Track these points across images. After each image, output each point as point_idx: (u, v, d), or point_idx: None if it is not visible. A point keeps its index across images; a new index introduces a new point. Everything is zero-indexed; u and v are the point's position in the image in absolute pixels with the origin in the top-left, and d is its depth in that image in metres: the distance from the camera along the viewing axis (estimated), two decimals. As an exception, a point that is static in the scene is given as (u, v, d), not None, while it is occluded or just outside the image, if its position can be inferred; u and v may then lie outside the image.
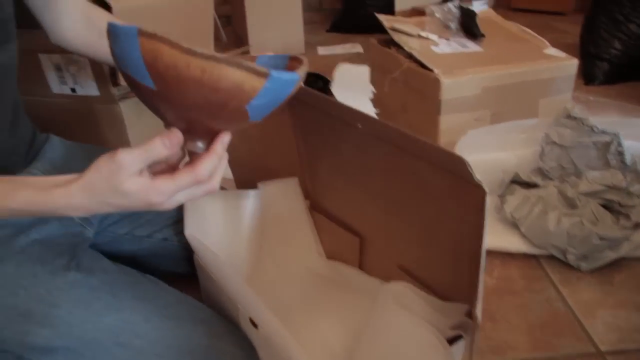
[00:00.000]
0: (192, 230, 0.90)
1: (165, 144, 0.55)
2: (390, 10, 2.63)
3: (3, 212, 0.60)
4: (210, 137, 0.58)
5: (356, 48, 2.88)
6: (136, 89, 0.55)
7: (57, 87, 1.47)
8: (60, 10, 0.89)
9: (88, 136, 1.49)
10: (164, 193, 0.56)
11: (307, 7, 3.02)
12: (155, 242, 1.00)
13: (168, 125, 0.57)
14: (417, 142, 0.61)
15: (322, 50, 2.86)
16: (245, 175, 1.08)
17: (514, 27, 1.83)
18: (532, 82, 1.53)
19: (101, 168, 0.55)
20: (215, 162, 0.58)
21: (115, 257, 0.87)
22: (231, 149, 1.05)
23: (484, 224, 0.60)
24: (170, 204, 0.58)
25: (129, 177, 0.54)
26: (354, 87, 0.76)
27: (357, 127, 0.71)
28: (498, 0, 3.87)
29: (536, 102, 1.58)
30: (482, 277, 0.60)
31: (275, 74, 0.51)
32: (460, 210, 0.65)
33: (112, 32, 0.52)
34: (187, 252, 0.94)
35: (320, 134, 0.85)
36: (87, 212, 0.58)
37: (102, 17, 0.92)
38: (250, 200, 0.98)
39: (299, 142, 0.92)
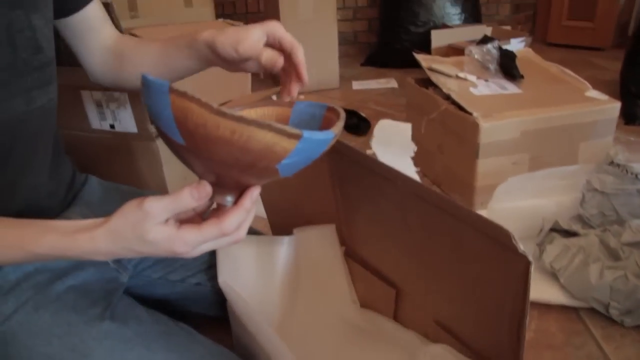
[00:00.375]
0: (225, 278, 0.90)
1: (194, 195, 0.55)
2: (426, 44, 2.64)
3: (29, 257, 0.60)
4: (239, 191, 0.57)
5: (391, 83, 2.88)
6: (166, 140, 0.55)
7: (96, 122, 1.50)
8: (89, 46, 0.91)
9: (125, 171, 1.51)
10: (188, 243, 0.55)
11: (342, 41, 3.06)
12: (188, 286, 0.99)
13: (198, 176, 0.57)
14: (459, 207, 0.60)
15: (356, 85, 2.87)
16: (281, 220, 1.07)
17: (553, 67, 1.81)
18: (572, 126, 1.50)
19: (127, 215, 0.55)
20: (242, 217, 0.57)
21: (148, 300, 0.87)
22: (267, 194, 1.06)
23: (527, 292, 0.58)
24: (195, 253, 0.58)
25: (154, 225, 0.54)
26: (395, 144, 0.75)
27: (396, 184, 0.70)
28: (534, 35, 3.85)
29: (576, 145, 1.55)
30: (524, 343, 0.58)
31: (307, 134, 0.50)
32: (503, 276, 0.63)
33: (145, 84, 0.52)
34: (219, 297, 0.94)
35: (359, 185, 0.84)
36: (111, 256, 0.58)
37: (129, 44, 0.93)
38: (284, 246, 0.98)
39: (337, 190, 0.92)
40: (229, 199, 0.58)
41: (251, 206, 0.58)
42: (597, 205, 1.33)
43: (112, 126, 1.47)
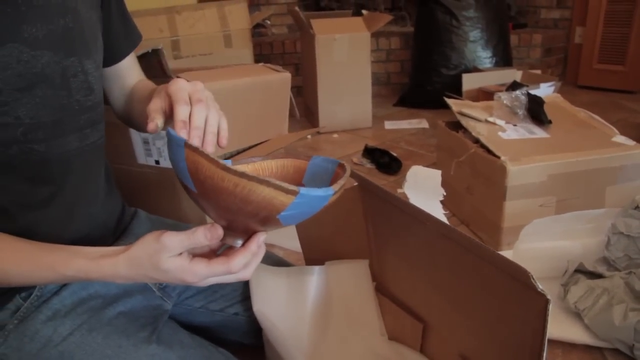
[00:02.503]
0: (260, 306, 0.96)
1: (207, 236, 0.62)
2: (457, 87, 2.70)
3: (58, 278, 0.69)
4: (247, 236, 0.65)
5: (422, 124, 2.95)
6: (184, 187, 0.63)
7: (142, 158, 1.59)
8: (114, 90, 1.01)
9: (168, 205, 1.59)
10: (197, 275, 0.63)
11: (375, 81, 3.14)
12: (226, 315, 1.06)
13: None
14: (483, 248, 0.65)
15: (388, 125, 2.94)
16: (316, 255, 1.13)
17: (581, 113, 1.86)
18: (599, 170, 1.54)
19: (146, 245, 0.64)
20: (248, 258, 0.65)
21: (189, 328, 0.93)
22: (303, 230, 1.12)
23: (546, 328, 0.63)
24: (203, 284, 0.66)
25: (169, 257, 0.62)
26: (426, 189, 0.82)
27: (425, 224, 0.76)
28: (565, 78, 3.89)
29: (603, 189, 1.58)
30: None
31: (304, 191, 0.57)
32: (523, 313, 0.68)
33: (167, 137, 0.61)
34: (254, 326, 1.00)
35: (390, 224, 0.90)
36: (129, 280, 0.67)
37: (137, 89, 1.01)
38: (314, 276, 1.03)
39: (369, 228, 0.98)
40: (239, 241, 0.65)
41: (257, 249, 0.66)
42: (622, 248, 1.36)
43: (157, 162, 1.57)
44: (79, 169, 0.83)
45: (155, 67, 1.45)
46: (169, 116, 0.71)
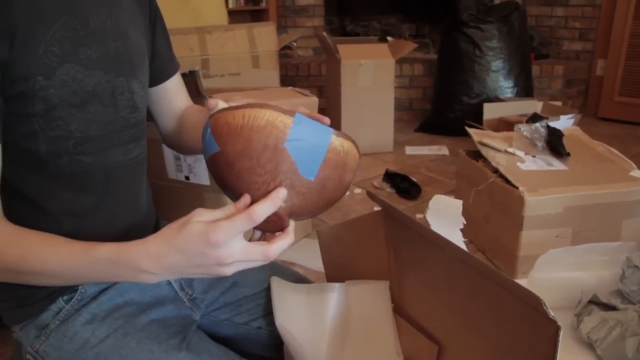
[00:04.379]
0: (282, 320, 1.01)
1: (236, 205, 0.66)
2: (478, 115, 2.75)
3: (90, 261, 0.71)
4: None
5: (442, 150, 2.99)
6: (212, 166, 0.69)
7: (173, 173, 1.66)
8: (163, 113, 1.07)
9: (194, 219, 1.66)
10: (221, 231, 0.63)
11: (397, 106, 3.20)
12: (250, 329, 1.10)
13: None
14: (499, 275, 0.70)
15: (409, 150, 2.99)
16: (337, 274, 1.18)
17: (600, 146, 1.89)
18: (615, 204, 1.58)
19: (180, 219, 0.67)
20: (269, 208, 0.66)
21: (214, 338, 0.98)
22: (326, 251, 1.17)
23: (556, 355, 0.67)
24: (228, 252, 0.65)
25: (197, 221, 0.64)
26: (447, 217, 0.87)
27: (445, 250, 0.81)
28: (586, 109, 3.92)
29: (619, 222, 1.61)
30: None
31: (300, 114, 0.65)
32: (535, 338, 0.72)
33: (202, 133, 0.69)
34: (275, 340, 1.05)
35: (410, 248, 0.95)
36: (157, 259, 0.67)
37: (189, 114, 1.07)
38: (335, 293, 1.07)
39: (390, 251, 1.03)
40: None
41: (277, 201, 0.66)
42: (637, 281, 1.38)
43: (187, 177, 1.64)
44: (121, 181, 0.90)
45: (190, 87, 1.52)
46: None
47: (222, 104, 0.76)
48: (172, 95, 1.07)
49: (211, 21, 3.00)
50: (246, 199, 0.67)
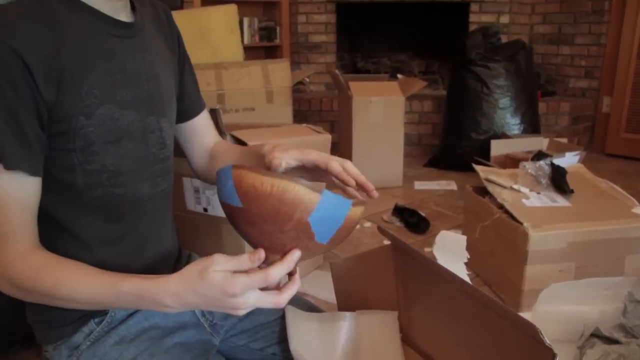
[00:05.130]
0: (296, 346, 1.06)
1: (251, 258, 0.72)
2: (486, 151, 2.81)
3: (117, 294, 0.77)
4: (284, 255, 0.75)
5: (451, 185, 3.06)
6: (230, 214, 0.75)
7: (192, 205, 1.74)
8: (194, 148, 1.15)
9: (210, 248, 1.72)
10: (238, 284, 0.70)
11: (407, 142, 3.27)
12: (265, 355, 1.16)
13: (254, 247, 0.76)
14: (500, 306, 0.76)
15: (418, 185, 3.06)
16: (348, 304, 1.24)
17: (603, 183, 1.95)
18: (617, 240, 1.63)
19: (199, 262, 0.74)
20: (284, 270, 0.73)
21: (232, 364, 1.05)
22: (339, 283, 1.23)
23: (552, 380, 0.72)
24: (242, 302, 0.72)
25: (215, 270, 0.71)
26: (452, 252, 0.93)
27: (450, 283, 0.87)
28: (592, 145, 3.98)
29: (622, 258, 1.67)
30: None
31: (328, 192, 0.69)
32: (533, 365, 0.78)
33: (217, 174, 0.74)
34: (289, 366, 1.10)
35: (418, 280, 1.02)
36: (178, 299, 0.74)
37: (221, 149, 1.16)
38: (346, 322, 1.13)
39: (399, 283, 1.09)
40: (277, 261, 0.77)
41: (292, 264, 0.74)
42: (639, 316, 1.42)
43: (205, 209, 1.71)
44: (149, 212, 0.97)
45: (210, 125, 1.61)
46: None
47: (284, 165, 0.85)
48: (202, 131, 1.15)
49: (228, 58, 3.09)
50: (261, 254, 0.73)
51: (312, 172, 0.94)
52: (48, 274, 0.80)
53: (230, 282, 0.70)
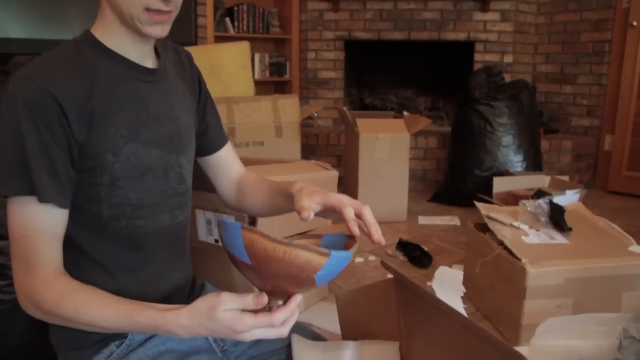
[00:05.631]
0: (302, 374, 1.12)
1: (255, 301, 0.79)
2: (489, 187, 2.88)
3: (133, 324, 0.84)
4: (286, 297, 0.82)
5: (454, 221, 3.11)
6: (236, 263, 0.81)
7: (203, 236, 1.81)
8: (221, 180, 1.23)
9: (219, 277, 1.79)
10: (245, 324, 0.78)
11: (412, 177, 3.35)
12: (272, 382, 1.22)
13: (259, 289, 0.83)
14: (493, 338, 0.83)
15: (422, 220, 3.12)
16: (352, 334, 1.30)
17: (601, 222, 2.01)
18: (614, 277, 1.68)
19: (208, 299, 0.80)
20: (287, 314, 0.80)
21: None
22: (344, 314, 1.29)
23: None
24: (248, 336, 0.79)
25: (223, 310, 0.78)
26: (449, 286, 1.00)
27: (447, 315, 0.94)
28: (595, 183, 4.04)
29: (619, 295, 1.71)
30: None
31: (334, 253, 0.75)
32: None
33: (223, 226, 0.79)
34: (295, 395, 1.16)
35: (418, 313, 1.08)
36: (188, 331, 0.81)
37: (249, 182, 1.23)
38: (349, 351, 1.19)
39: (400, 315, 1.15)
40: (279, 302, 0.82)
41: (294, 308, 0.82)
42: (635, 352, 1.47)
43: (216, 240, 1.78)
44: (167, 243, 1.05)
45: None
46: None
47: (312, 216, 0.92)
48: (228, 163, 1.22)
49: (239, 92, 3.18)
50: (264, 300, 0.80)
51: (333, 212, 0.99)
52: (70, 300, 0.87)
53: (238, 322, 0.77)
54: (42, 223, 0.87)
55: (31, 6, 3.11)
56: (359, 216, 0.93)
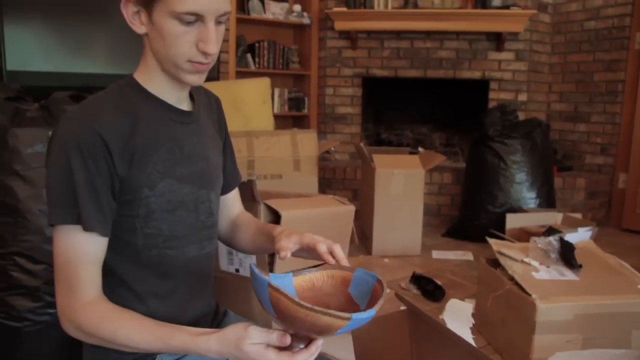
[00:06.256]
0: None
1: (279, 339, 0.86)
2: (502, 223, 2.92)
3: (166, 346, 0.92)
4: (308, 341, 0.88)
5: (467, 256, 3.16)
6: (261, 304, 0.86)
7: (225, 265, 1.89)
8: (220, 215, 1.27)
9: (240, 306, 1.86)
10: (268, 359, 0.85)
11: (426, 212, 3.40)
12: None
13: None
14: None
15: (436, 254, 3.17)
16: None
17: (611, 259, 2.05)
18: (623, 314, 1.73)
19: (236, 331, 0.88)
20: (308, 357, 0.87)
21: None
22: (359, 344, 1.36)
23: None
24: None
25: (250, 343, 0.86)
26: (460, 318, 1.07)
27: (457, 345, 1.00)
28: (609, 221, 4.07)
29: (629, 332, 1.75)
30: None
31: (355, 316, 0.80)
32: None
33: (252, 275, 0.85)
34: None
35: (430, 342, 1.14)
36: (219, 354, 0.88)
37: (241, 222, 1.30)
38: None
39: (413, 345, 1.22)
40: (301, 345, 0.89)
41: (316, 351, 0.88)
42: (642, 388, 1.52)
43: (237, 270, 1.86)
44: (195, 272, 1.13)
45: (246, 193, 1.78)
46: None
47: (289, 255, 1.00)
48: (230, 204, 1.31)
49: (259, 126, 3.27)
50: (287, 340, 0.86)
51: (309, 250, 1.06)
52: (109, 322, 0.95)
53: (262, 356, 0.85)
54: (85, 250, 0.96)
55: (65, 41, 3.27)
56: (330, 252, 1.02)
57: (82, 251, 0.96)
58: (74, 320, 0.95)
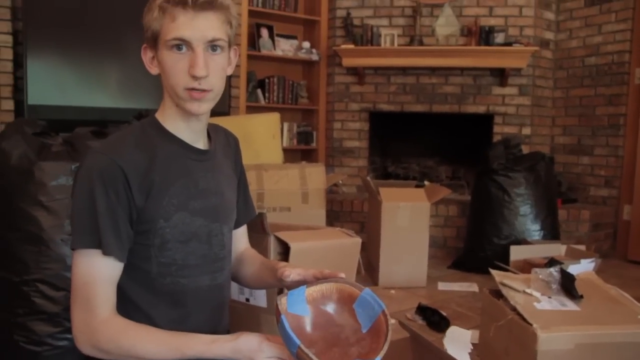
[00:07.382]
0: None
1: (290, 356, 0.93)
2: (507, 255, 2.97)
3: (181, 355, 0.99)
4: None
5: (472, 287, 3.20)
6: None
7: (235, 295, 1.95)
8: None
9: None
10: None
11: (432, 243, 3.46)
12: None
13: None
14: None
15: (441, 286, 3.21)
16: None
17: (612, 290, 2.10)
18: (624, 344, 1.77)
19: (251, 343, 0.97)
20: None
21: None
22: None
23: None
24: None
25: (264, 357, 0.94)
26: (459, 343, 1.13)
27: (457, 370, 1.07)
28: (614, 252, 4.10)
29: (629, 362, 1.80)
30: None
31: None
32: None
33: (279, 323, 0.92)
34: None
35: (432, 369, 1.20)
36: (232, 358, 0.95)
37: (247, 257, 1.37)
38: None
39: (416, 372, 1.28)
40: None
41: None
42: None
43: (247, 299, 1.93)
44: (207, 301, 1.19)
45: (257, 225, 1.86)
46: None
47: (292, 277, 1.07)
48: (237, 239, 1.38)
49: (268, 160, 3.34)
50: None
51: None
52: (127, 336, 1.02)
53: None
54: (103, 272, 1.04)
55: (82, 77, 3.40)
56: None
57: (100, 273, 1.04)
58: (92, 337, 1.02)
